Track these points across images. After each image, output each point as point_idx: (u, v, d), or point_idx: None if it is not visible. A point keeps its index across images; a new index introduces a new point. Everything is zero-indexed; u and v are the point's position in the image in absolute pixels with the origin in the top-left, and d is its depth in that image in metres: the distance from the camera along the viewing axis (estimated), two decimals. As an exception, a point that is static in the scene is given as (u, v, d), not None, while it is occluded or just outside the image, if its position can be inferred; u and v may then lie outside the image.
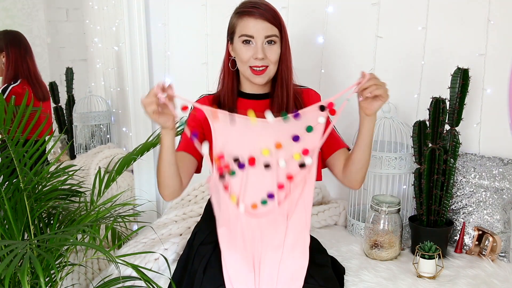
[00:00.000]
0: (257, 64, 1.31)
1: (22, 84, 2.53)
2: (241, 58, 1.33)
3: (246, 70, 1.34)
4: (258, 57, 1.30)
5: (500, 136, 1.72)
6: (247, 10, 1.31)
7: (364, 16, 1.97)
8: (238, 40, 1.32)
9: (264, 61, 1.31)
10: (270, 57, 1.32)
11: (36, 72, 2.63)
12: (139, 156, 1.64)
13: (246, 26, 1.30)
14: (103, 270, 2.29)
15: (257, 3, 1.32)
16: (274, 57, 1.33)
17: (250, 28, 1.30)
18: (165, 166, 1.24)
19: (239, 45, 1.32)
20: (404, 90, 1.90)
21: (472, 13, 1.73)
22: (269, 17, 1.31)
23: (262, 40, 1.30)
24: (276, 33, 1.32)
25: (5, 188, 1.46)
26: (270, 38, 1.31)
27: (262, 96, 1.41)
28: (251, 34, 1.30)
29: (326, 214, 1.96)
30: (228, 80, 1.39)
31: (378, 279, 1.48)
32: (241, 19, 1.32)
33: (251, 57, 1.31)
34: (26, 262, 1.02)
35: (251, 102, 1.40)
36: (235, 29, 1.33)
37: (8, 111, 1.46)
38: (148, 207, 2.34)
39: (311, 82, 2.12)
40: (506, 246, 1.64)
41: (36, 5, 3.47)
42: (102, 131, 3.42)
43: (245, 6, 1.32)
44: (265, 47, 1.31)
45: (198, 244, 1.43)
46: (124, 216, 1.59)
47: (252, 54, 1.31)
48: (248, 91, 1.41)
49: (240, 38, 1.32)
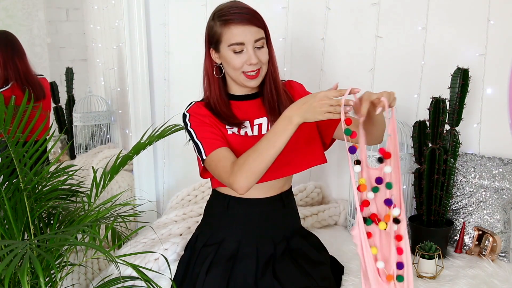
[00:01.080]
0: (252, 69, 1.30)
1: (12, 88, 2.47)
2: (233, 66, 1.31)
3: (239, 76, 1.33)
4: (253, 63, 1.29)
5: (500, 136, 1.72)
6: (232, 18, 1.27)
7: (364, 16, 1.97)
8: (228, 49, 1.30)
9: (257, 65, 1.31)
10: (261, 59, 1.31)
11: (28, 72, 2.53)
12: (135, 155, 1.64)
13: (235, 34, 1.28)
14: (103, 270, 2.30)
15: (237, 8, 1.29)
16: (265, 58, 1.33)
17: (239, 35, 1.27)
18: (275, 155, 1.19)
19: (229, 54, 1.30)
20: (404, 90, 1.90)
21: (472, 13, 1.73)
22: (255, 21, 1.29)
23: (252, 45, 1.29)
24: (262, 35, 1.31)
25: (5, 188, 1.46)
26: (259, 42, 1.30)
27: (252, 96, 1.41)
28: (241, 42, 1.28)
29: (326, 214, 1.96)
30: (215, 87, 1.37)
31: (378, 279, 1.48)
32: (227, 27, 1.28)
33: (244, 63, 1.30)
34: (26, 262, 1.02)
35: (244, 104, 1.40)
36: (221, 38, 1.30)
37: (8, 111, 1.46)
38: (148, 207, 2.34)
39: (311, 82, 2.13)
40: (506, 246, 1.64)
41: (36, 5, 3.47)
42: (102, 131, 3.41)
43: (227, 13, 1.29)
44: (255, 50, 1.30)
45: (201, 246, 1.43)
46: (124, 216, 1.59)
47: (245, 61, 1.30)
48: (238, 93, 1.41)
49: (230, 47, 1.29)
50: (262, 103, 1.41)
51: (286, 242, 1.43)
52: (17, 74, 2.48)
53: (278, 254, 1.40)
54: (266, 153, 1.19)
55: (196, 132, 1.34)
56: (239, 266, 1.37)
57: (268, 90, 1.38)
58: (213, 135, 1.33)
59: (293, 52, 2.20)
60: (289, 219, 1.48)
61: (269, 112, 1.39)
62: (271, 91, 1.38)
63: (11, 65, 2.48)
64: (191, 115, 1.36)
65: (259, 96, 1.41)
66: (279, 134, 1.17)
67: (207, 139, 1.32)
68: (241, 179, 1.21)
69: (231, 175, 1.23)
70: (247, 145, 1.35)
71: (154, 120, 2.48)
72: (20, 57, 2.52)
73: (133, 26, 2.36)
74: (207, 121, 1.35)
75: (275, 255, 1.40)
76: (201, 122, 1.35)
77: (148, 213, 2.25)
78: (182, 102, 1.52)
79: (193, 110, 1.37)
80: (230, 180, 1.24)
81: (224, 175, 1.26)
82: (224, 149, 1.30)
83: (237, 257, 1.39)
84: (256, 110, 1.40)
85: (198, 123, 1.35)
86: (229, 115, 1.36)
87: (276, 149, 1.18)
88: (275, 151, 1.18)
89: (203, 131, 1.33)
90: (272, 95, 1.38)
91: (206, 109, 1.37)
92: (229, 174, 1.24)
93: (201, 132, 1.33)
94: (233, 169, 1.23)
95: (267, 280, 1.33)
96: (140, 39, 2.36)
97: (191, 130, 1.35)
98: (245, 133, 1.38)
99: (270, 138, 1.18)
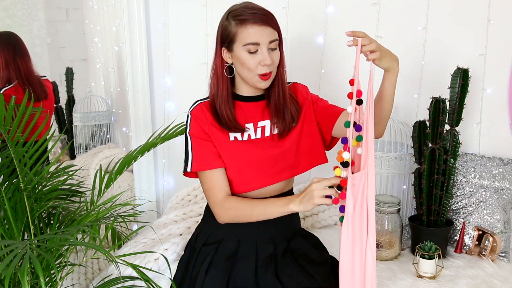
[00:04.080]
0: (266, 71, 1.30)
1: (16, 87, 2.49)
2: (248, 67, 1.30)
3: (253, 77, 1.32)
4: (267, 64, 1.28)
5: (500, 136, 1.72)
6: (248, 18, 1.27)
7: (364, 16, 1.97)
8: (242, 49, 1.29)
9: (271, 66, 1.31)
10: (275, 61, 1.32)
11: (29, 72, 2.54)
12: (140, 156, 1.64)
13: (251, 34, 1.27)
14: (103, 270, 2.30)
15: (254, 8, 1.29)
16: (278, 60, 1.33)
17: (255, 35, 1.27)
18: (264, 220, 1.32)
19: (244, 54, 1.29)
20: (404, 90, 1.89)
21: (472, 13, 1.73)
22: (270, 22, 1.29)
23: (267, 46, 1.28)
24: (277, 37, 1.31)
25: (5, 188, 1.46)
26: (273, 43, 1.30)
27: (258, 98, 1.41)
28: (257, 42, 1.27)
29: (326, 214, 1.96)
30: (223, 87, 1.37)
31: (378, 279, 1.48)
32: (243, 27, 1.27)
33: (257, 64, 1.30)
34: (26, 262, 1.03)
35: (249, 105, 1.40)
36: (235, 38, 1.29)
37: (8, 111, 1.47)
38: (148, 207, 2.34)
39: (311, 82, 2.12)
40: (506, 246, 1.64)
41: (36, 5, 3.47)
42: (102, 131, 3.42)
43: (243, 13, 1.28)
44: (269, 52, 1.30)
45: (201, 245, 1.43)
46: (124, 216, 1.59)
47: (259, 61, 1.29)
48: (244, 94, 1.40)
49: (245, 47, 1.28)
50: (267, 105, 1.40)
51: (287, 242, 1.43)
52: (19, 74, 2.50)
53: (279, 254, 1.40)
54: (257, 218, 1.32)
55: (193, 142, 1.36)
56: (238, 266, 1.37)
57: (276, 93, 1.38)
58: (208, 153, 1.35)
59: (293, 52, 2.20)
60: (290, 220, 1.48)
61: (274, 115, 1.39)
62: (278, 94, 1.38)
63: (13, 65, 2.50)
64: (193, 119, 1.36)
65: (265, 99, 1.41)
66: (275, 213, 1.30)
67: (201, 155, 1.36)
68: (225, 219, 1.36)
69: (219, 208, 1.35)
70: (249, 152, 1.35)
71: (154, 120, 2.48)
72: (22, 58, 2.53)
73: (133, 26, 2.36)
74: (207, 130, 1.35)
75: (275, 255, 1.40)
76: (200, 132, 1.35)
77: (148, 213, 2.25)
78: (182, 102, 1.52)
79: (196, 113, 1.36)
80: (216, 211, 1.37)
81: (212, 202, 1.37)
82: (219, 174, 1.36)
83: (237, 257, 1.39)
84: (260, 112, 1.40)
85: (198, 132, 1.35)
86: (232, 119, 1.35)
87: (267, 218, 1.31)
88: (265, 219, 1.32)
89: (200, 144, 1.35)
90: (279, 98, 1.38)
91: (210, 112, 1.37)
92: (217, 206, 1.35)
93: (198, 144, 1.35)
94: (223, 205, 1.35)
95: (269, 280, 1.33)
96: (140, 39, 2.36)
97: (188, 136, 1.37)
98: (248, 135, 1.38)
99: (267, 211, 1.30)
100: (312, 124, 1.42)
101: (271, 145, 1.39)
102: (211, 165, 1.35)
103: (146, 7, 2.38)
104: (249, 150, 1.36)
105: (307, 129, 1.42)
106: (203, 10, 2.30)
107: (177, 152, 2.49)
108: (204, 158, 1.35)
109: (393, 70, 1.22)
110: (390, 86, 1.24)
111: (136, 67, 2.38)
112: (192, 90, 2.27)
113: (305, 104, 1.43)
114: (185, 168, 1.38)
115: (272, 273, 1.35)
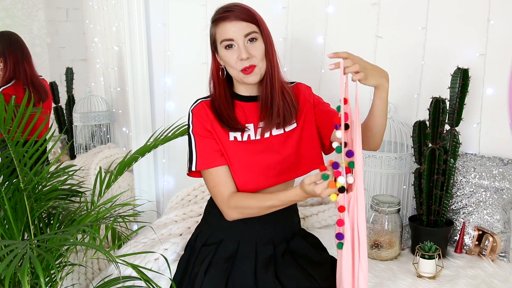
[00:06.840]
0: (245, 65, 1.31)
1: (15, 86, 2.50)
2: (228, 63, 1.32)
3: (237, 74, 1.33)
4: (243, 58, 1.29)
5: (500, 136, 1.72)
6: (221, 16, 1.31)
7: (364, 16, 1.97)
8: (221, 47, 1.32)
9: (251, 60, 1.31)
10: (254, 54, 1.31)
11: (33, 75, 2.58)
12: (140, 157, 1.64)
13: (223, 31, 1.30)
14: (103, 270, 2.30)
15: (229, 7, 1.32)
16: (259, 53, 1.32)
17: (227, 31, 1.30)
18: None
19: (223, 52, 1.32)
20: (404, 90, 1.90)
21: (472, 13, 1.73)
22: (243, 16, 1.30)
23: (242, 40, 1.30)
24: (254, 29, 1.31)
25: (5, 188, 1.46)
26: (250, 36, 1.30)
27: (257, 98, 1.40)
28: (230, 37, 1.30)
29: (326, 214, 1.96)
30: (220, 89, 1.38)
31: (378, 279, 1.48)
32: (217, 26, 1.32)
33: (237, 59, 1.31)
34: (26, 262, 1.03)
35: (249, 105, 1.40)
36: (215, 37, 1.34)
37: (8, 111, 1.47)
38: (148, 207, 2.35)
39: (311, 82, 2.12)
40: (506, 246, 1.64)
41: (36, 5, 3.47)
42: (102, 131, 3.42)
43: (218, 13, 1.33)
44: (248, 46, 1.30)
45: (200, 245, 1.43)
46: (124, 216, 1.59)
47: (237, 56, 1.30)
48: (244, 94, 1.40)
49: (221, 44, 1.32)
50: (260, 105, 1.40)
51: (286, 243, 1.43)
52: (25, 78, 2.55)
53: (279, 255, 1.40)
54: (269, 208, 1.29)
55: (196, 140, 1.35)
56: (237, 266, 1.37)
57: (263, 86, 1.37)
58: (212, 151, 1.35)
59: (293, 52, 2.20)
60: (289, 220, 1.48)
61: (262, 109, 1.37)
62: (266, 87, 1.36)
63: (21, 69, 2.54)
64: (194, 117, 1.36)
65: None
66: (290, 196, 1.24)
67: (205, 153, 1.35)
68: (234, 216, 1.34)
69: (227, 207, 1.33)
70: (249, 153, 1.35)
71: (154, 120, 2.48)
72: (28, 61, 2.59)
73: (133, 26, 2.36)
74: (209, 128, 1.35)
75: (275, 256, 1.40)
76: (203, 130, 1.35)
77: (148, 213, 2.25)
78: (182, 102, 1.52)
79: (197, 111, 1.37)
80: (224, 209, 1.34)
81: (218, 200, 1.35)
82: (223, 171, 1.34)
83: (236, 257, 1.39)
84: (255, 113, 1.40)
85: (201, 130, 1.35)
86: (232, 119, 1.36)
87: (280, 207, 1.28)
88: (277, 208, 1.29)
89: (203, 142, 1.35)
90: (266, 90, 1.36)
91: (210, 110, 1.37)
92: (224, 204, 1.34)
93: (201, 142, 1.35)
94: (229, 203, 1.33)
95: (269, 281, 1.33)
96: (140, 39, 2.36)
97: (191, 135, 1.36)
98: (248, 136, 1.37)
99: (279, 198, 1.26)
100: (312, 127, 1.42)
101: (271, 147, 1.38)
102: (215, 162, 1.34)
103: (146, 7, 2.38)
104: (248, 151, 1.35)
105: (307, 131, 1.41)
106: (203, 10, 2.30)
107: (177, 152, 2.49)
108: (208, 156, 1.35)
109: (382, 86, 1.19)
110: (381, 102, 1.22)
111: (136, 67, 2.38)
112: (192, 90, 2.27)
113: (305, 106, 1.42)
114: (190, 168, 1.36)
115: (272, 273, 1.35)
